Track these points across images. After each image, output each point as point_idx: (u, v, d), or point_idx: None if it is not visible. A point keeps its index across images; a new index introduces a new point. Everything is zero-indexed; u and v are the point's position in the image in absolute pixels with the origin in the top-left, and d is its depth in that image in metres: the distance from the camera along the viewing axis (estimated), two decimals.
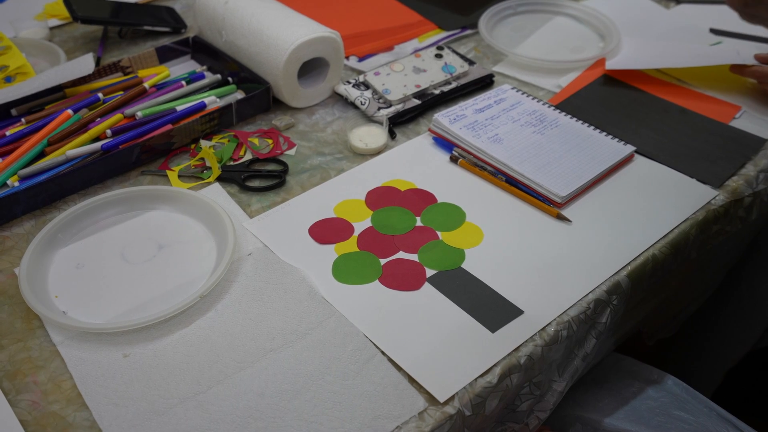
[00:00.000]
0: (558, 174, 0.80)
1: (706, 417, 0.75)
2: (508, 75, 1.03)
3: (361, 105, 0.94)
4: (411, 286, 0.70)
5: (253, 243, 0.75)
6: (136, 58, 1.01)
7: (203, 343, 0.65)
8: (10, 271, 0.72)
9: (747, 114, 0.95)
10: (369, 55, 1.07)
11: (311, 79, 0.96)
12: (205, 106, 0.92)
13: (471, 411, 0.60)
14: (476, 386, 0.61)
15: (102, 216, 0.78)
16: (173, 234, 0.76)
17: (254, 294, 0.69)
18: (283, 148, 0.89)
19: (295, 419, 0.58)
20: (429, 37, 1.13)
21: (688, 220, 0.78)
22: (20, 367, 0.63)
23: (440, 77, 0.98)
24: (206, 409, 0.59)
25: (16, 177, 0.80)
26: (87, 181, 0.82)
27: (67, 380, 0.62)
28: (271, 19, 0.93)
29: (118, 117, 0.88)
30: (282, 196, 0.82)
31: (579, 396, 0.77)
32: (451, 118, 0.89)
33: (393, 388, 0.60)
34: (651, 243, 0.75)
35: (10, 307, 0.68)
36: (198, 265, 0.72)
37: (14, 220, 0.78)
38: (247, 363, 0.63)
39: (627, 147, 0.86)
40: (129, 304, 0.68)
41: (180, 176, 0.84)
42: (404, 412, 0.59)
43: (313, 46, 0.91)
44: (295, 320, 0.66)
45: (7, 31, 1.10)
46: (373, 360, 0.63)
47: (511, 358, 0.63)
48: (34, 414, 0.59)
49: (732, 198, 0.81)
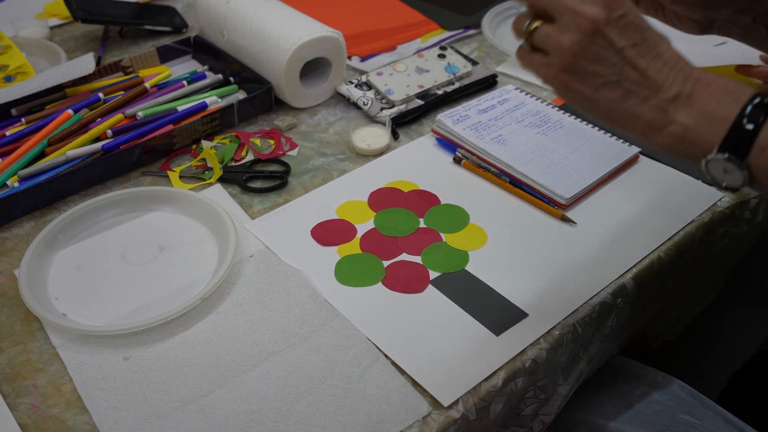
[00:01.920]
0: (562, 175, 0.80)
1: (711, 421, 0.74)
2: (512, 75, 1.03)
3: (364, 105, 0.93)
4: (414, 289, 0.69)
5: (254, 244, 0.74)
6: (137, 57, 1.00)
7: (205, 345, 0.64)
8: (10, 273, 0.71)
9: None
10: (371, 55, 1.07)
11: (313, 79, 0.96)
12: (206, 107, 0.91)
13: (475, 415, 0.59)
14: (480, 390, 0.60)
15: (102, 217, 0.77)
16: (174, 235, 0.76)
17: (256, 296, 0.69)
18: (285, 149, 0.88)
19: (298, 423, 0.58)
20: (432, 37, 1.12)
21: (693, 222, 0.77)
22: (20, 370, 0.62)
23: (443, 77, 0.97)
24: (208, 413, 0.58)
25: (16, 177, 0.80)
26: (87, 181, 0.81)
27: (66, 383, 0.61)
28: (274, 19, 0.92)
29: (118, 117, 0.88)
30: (284, 197, 0.81)
31: (583, 399, 0.76)
32: (454, 118, 0.88)
33: (396, 392, 0.60)
34: (656, 245, 0.74)
35: (9, 309, 0.68)
36: (199, 266, 0.72)
37: (14, 221, 0.77)
38: (249, 366, 0.62)
39: (632, 148, 0.85)
40: (130, 307, 0.68)
41: (181, 177, 0.84)
42: (408, 417, 0.58)
43: (315, 46, 0.90)
44: (297, 323, 0.66)
45: (8, 30, 1.10)
46: (376, 363, 0.62)
47: (516, 362, 0.62)
48: (34, 417, 0.58)
49: (738, 200, 0.81)
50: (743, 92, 0.47)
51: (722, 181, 0.49)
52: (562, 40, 0.48)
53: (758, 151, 0.46)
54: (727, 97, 0.47)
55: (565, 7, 0.48)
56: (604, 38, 0.47)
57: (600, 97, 0.49)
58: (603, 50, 0.48)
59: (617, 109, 0.49)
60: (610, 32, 0.47)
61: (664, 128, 0.49)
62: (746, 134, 0.46)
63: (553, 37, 0.49)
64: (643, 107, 0.49)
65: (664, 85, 0.48)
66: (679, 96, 0.48)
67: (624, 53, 0.48)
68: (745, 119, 0.46)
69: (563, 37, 0.48)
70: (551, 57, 0.49)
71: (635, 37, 0.48)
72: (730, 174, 0.47)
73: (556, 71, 0.49)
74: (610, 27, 0.47)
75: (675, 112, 0.48)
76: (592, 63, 0.48)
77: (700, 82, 0.48)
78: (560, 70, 0.49)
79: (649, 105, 0.49)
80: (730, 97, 0.47)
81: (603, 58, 0.48)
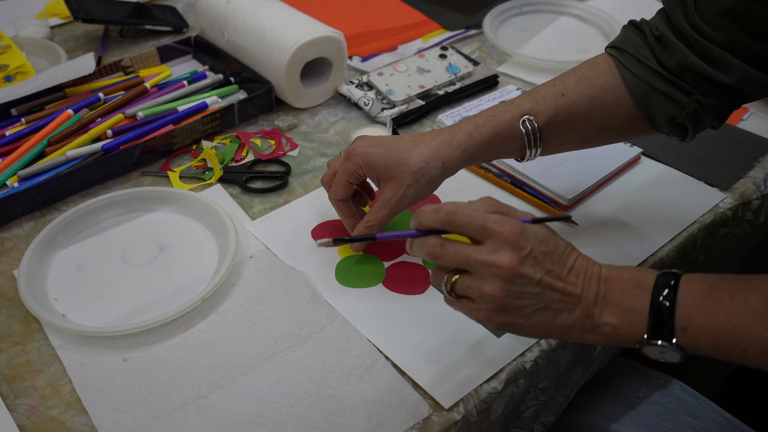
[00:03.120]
0: (564, 176, 0.80)
1: (713, 422, 0.74)
2: (513, 75, 1.03)
3: (365, 105, 0.93)
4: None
5: (255, 245, 0.74)
6: (137, 57, 1.00)
7: (204, 347, 0.64)
8: (9, 273, 0.71)
9: (754, 116, 0.94)
10: (372, 55, 1.07)
11: (314, 79, 0.95)
12: (206, 107, 0.91)
13: (476, 417, 0.59)
14: (481, 392, 0.60)
15: (102, 217, 0.77)
16: (174, 236, 0.75)
17: (256, 297, 0.68)
18: (285, 149, 0.88)
19: (297, 425, 0.57)
20: (433, 37, 1.12)
21: (695, 223, 0.77)
22: (19, 371, 0.62)
23: (444, 78, 0.97)
24: (207, 415, 0.58)
25: (15, 177, 0.79)
26: (87, 181, 0.81)
27: (66, 384, 0.61)
28: (274, 19, 0.92)
29: (118, 117, 0.88)
30: (284, 197, 0.81)
31: (585, 401, 0.76)
32: (455, 118, 0.88)
33: (397, 394, 0.59)
34: (658, 246, 0.74)
35: (8, 309, 0.67)
36: (199, 267, 0.71)
37: (14, 221, 0.77)
38: (248, 367, 0.62)
39: (634, 149, 0.85)
40: (129, 307, 0.67)
41: (181, 177, 0.83)
42: (408, 419, 0.58)
43: (316, 46, 0.90)
44: (297, 324, 0.66)
45: (8, 30, 1.10)
46: (376, 365, 0.62)
47: (517, 364, 0.62)
48: (33, 419, 0.58)
49: (740, 201, 0.81)
50: (647, 280, 0.51)
51: (663, 360, 0.51)
52: (485, 289, 0.51)
53: (681, 332, 0.49)
54: (635, 289, 0.51)
55: (478, 261, 0.51)
56: (522, 277, 0.51)
57: (533, 322, 0.52)
58: (524, 287, 0.51)
59: (552, 327, 0.53)
60: (526, 270, 0.51)
61: (596, 329, 0.52)
62: (666, 318, 0.49)
63: (474, 287, 0.52)
64: (573, 317, 0.52)
65: (582, 294, 0.52)
66: (596, 299, 0.52)
67: (542, 282, 0.51)
68: (658, 306, 0.50)
69: (485, 286, 0.51)
70: (479, 303, 0.52)
71: (547, 264, 0.52)
72: (667, 354, 0.50)
73: (487, 313, 0.52)
74: (525, 266, 0.51)
75: (599, 315, 0.52)
76: (518, 299, 0.51)
77: (608, 281, 0.52)
78: (491, 312, 0.52)
79: (577, 314, 0.52)
80: (638, 289, 0.51)
81: (526, 293, 0.51)
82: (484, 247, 0.51)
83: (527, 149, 0.66)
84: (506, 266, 0.50)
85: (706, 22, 0.60)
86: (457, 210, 0.52)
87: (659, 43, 0.64)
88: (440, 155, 0.64)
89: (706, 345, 0.49)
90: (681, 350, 0.50)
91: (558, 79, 0.68)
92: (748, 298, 0.49)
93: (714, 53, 0.60)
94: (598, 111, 0.66)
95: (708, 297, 0.50)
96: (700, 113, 0.64)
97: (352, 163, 0.65)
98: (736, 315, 0.48)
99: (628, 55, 0.66)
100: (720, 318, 0.49)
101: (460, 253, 0.52)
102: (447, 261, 0.53)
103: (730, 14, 0.59)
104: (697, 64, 0.61)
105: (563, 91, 0.66)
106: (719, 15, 0.59)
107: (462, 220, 0.52)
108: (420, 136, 0.66)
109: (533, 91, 0.68)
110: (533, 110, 0.65)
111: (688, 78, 0.63)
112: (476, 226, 0.51)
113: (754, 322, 0.48)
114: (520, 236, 0.51)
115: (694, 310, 0.49)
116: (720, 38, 0.60)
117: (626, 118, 0.67)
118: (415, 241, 0.55)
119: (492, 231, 0.51)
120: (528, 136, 0.65)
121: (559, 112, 0.66)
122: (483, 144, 0.65)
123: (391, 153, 0.64)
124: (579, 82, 0.66)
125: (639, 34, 0.66)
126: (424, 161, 0.64)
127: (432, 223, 0.54)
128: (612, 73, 0.66)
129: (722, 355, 0.50)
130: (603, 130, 0.68)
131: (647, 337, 0.50)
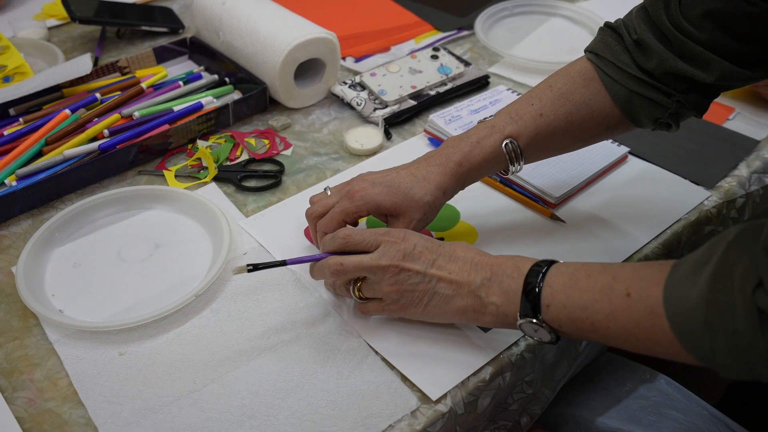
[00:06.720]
0: (552, 174, 0.81)
1: (697, 416, 0.75)
2: (504, 76, 1.04)
3: (357, 105, 0.95)
4: None
5: (248, 242, 0.75)
6: (133, 58, 1.01)
7: (198, 341, 0.65)
8: (8, 270, 0.72)
9: (740, 115, 0.95)
10: (365, 56, 1.08)
11: (308, 79, 0.97)
12: (202, 107, 0.92)
13: (463, 409, 0.61)
14: (468, 385, 0.61)
15: (99, 215, 0.78)
16: (170, 233, 0.77)
17: (249, 293, 0.70)
18: (279, 149, 0.89)
19: (289, 417, 0.59)
20: (425, 38, 1.13)
21: (680, 221, 0.78)
22: (17, 365, 0.63)
23: (436, 78, 0.99)
24: (201, 407, 0.59)
25: (13, 176, 0.81)
26: (84, 180, 0.82)
27: (63, 378, 0.62)
28: (268, 20, 0.93)
29: (115, 117, 0.89)
30: (278, 195, 0.82)
31: (571, 394, 0.77)
32: (446, 118, 0.89)
33: (386, 387, 0.61)
34: (643, 243, 0.75)
35: (7, 305, 0.69)
36: (194, 264, 0.73)
37: (12, 219, 0.78)
38: (241, 361, 0.63)
39: (621, 148, 0.86)
40: (125, 303, 0.69)
41: (177, 176, 0.85)
42: (397, 411, 0.59)
43: (309, 47, 0.91)
44: (289, 319, 0.67)
45: (6, 31, 1.11)
46: (366, 360, 0.63)
47: (504, 357, 0.64)
48: (30, 411, 0.59)
49: (725, 199, 0.82)
50: (525, 265, 0.58)
51: (536, 338, 0.59)
52: (383, 288, 0.61)
53: (545, 309, 0.56)
54: (514, 272, 0.58)
55: (368, 268, 0.61)
56: (408, 271, 0.60)
57: (431, 309, 0.61)
58: (413, 278, 0.60)
59: (448, 311, 0.61)
60: (410, 264, 0.60)
61: (485, 309, 0.59)
62: (534, 298, 0.56)
63: (375, 287, 0.62)
64: (464, 301, 0.60)
65: (468, 279, 0.60)
66: (482, 282, 0.59)
67: (428, 273, 0.60)
68: (528, 285, 0.57)
69: (383, 286, 0.61)
70: (385, 301, 0.62)
71: (431, 257, 0.61)
72: (539, 332, 0.57)
73: (396, 307, 0.62)
74: (407, 260, 0.60)
75: (486, 296, 0.59)
76: (413, 290, 0.60)
77: (494, 266, 0.60)
78: (399, 307, 0.62)
79: (467, 297, 0.60)
80: (517, 272, 0.58)
81: (417, 283, 0.60)
82: (374, 253, 0.61)
83: (510, 166, 0.69)
84: (390, 264, 0.60)
85: (689, 21, 0.61)
86: (351, 232, 0.63)
87: (638, 47, 0.65)
88: (441, 186, 0.67)
89: (564, 320, 0.56)
90: (549, 327, 0.56)
91: (535, 97, 0.69)
92: (599, 277, 0.55)
93: (695, 52, 0.62)
94: (575, 126, 0.69)
95: (570, 277, 0.56)
96: (681, 111, 0.66)
97: (353, 204, 0.67)
98: (587, 291, 0.55)
99: (607, 61, 0.67)
100: (574, 294, 0.55)
101: (359, 263, 0.61)
102: (350, 273, 0.62)
103: (714, 15, 0.60)
104: (676, 66, 0.62)
105: (541, 110, 0.68)
106: (702, 16, 0.60)
107: (357, 239, 0.62)
108: (414, 168, 0.69)
109: (512, 111, 0.69)
110: (514, 133, 0.68)
111: (668, 80, 0.64)
112: (370, 240, 0.62)
113: (600, 297, 0.54)
114: (403, 238, 0.61)
115: (556, 288, 0.56)
116: (702, 38, 0.61)
117: (606, 123, 0.69)
118: (315, 265, 0.65)
119: (381, 239, 0.61)
120: (510, 156, 0.68)
121: (539, 132, 0.68)
122: (473, 170, 0.69)
123: (395, 191, 0.67)
124: (555, 100, 0.68)
125: (616, 38, 0.67)
126: (430, 194, 0.67)
127: (333, 248, 0.64)
128: (586, 87, 0.68)
129: (578, 331, 0.56)
130: (582, 140, 0.72)
131: (519, 314, 0.57)
